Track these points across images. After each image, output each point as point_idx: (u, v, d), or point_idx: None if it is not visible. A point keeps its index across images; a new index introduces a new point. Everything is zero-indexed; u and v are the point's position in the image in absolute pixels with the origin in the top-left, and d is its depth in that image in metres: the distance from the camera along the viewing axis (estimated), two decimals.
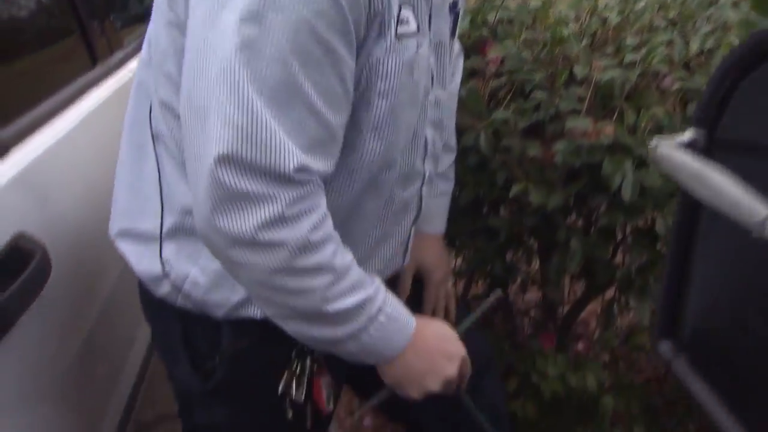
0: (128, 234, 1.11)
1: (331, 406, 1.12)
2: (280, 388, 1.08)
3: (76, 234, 1.32)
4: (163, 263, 1.05)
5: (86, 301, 1.41)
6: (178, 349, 1.11)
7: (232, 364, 1.09)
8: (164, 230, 1.04)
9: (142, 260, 1.09)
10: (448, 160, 1.34)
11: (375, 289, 0.97)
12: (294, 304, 0.93)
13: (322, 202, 0.91)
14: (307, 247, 0.88)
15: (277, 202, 0.85)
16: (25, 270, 1.07)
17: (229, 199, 0.85)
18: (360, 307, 0.94)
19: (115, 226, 1.14)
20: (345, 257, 0.94)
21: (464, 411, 1.47)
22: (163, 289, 1.07)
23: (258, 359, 1.09)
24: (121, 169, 1.13)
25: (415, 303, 1.31)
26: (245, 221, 0.85)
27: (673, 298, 0.67)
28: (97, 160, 1.46)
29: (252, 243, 0.86)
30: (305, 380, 1.08)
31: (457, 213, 1.47)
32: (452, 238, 1.69)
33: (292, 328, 0.97)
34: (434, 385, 1.04)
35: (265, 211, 0.85)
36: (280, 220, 0.86)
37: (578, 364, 1.62)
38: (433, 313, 1.37)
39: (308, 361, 1.08)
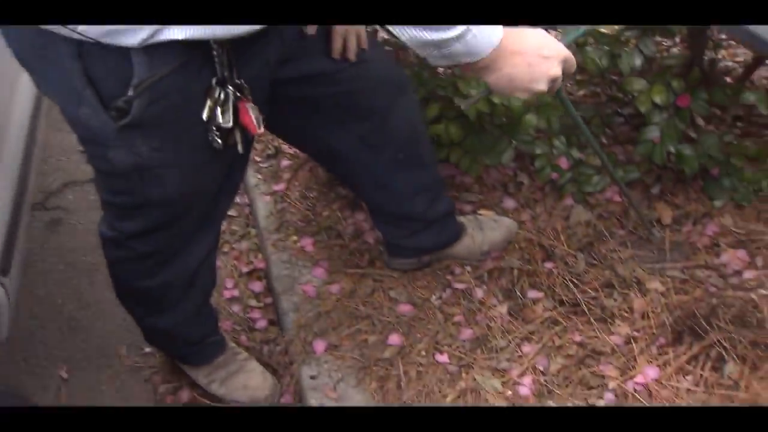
0: None
1: (262, 129, 1.11)
2: (204, 115, 1.06)
3: None
4: None
5: None
6: (81, 89, 1.00)
7: (150, 97, 1.01)
8: None
9: None
10: None
11: None
12: None
13: None
14: None
15: None
16: None
17: None
18: None
19: None
20: None
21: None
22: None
23: (177, 91, 1.03)
24: None
25: None
26: None
27: None
28: None
29: None
30: (230, 106, 1.07)
31: None
32: None
33: (409, 33, 0.97)
34: (542, 86, 1.09)
35: None
36: None
37: None
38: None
39: (230, 88, 1.06)
